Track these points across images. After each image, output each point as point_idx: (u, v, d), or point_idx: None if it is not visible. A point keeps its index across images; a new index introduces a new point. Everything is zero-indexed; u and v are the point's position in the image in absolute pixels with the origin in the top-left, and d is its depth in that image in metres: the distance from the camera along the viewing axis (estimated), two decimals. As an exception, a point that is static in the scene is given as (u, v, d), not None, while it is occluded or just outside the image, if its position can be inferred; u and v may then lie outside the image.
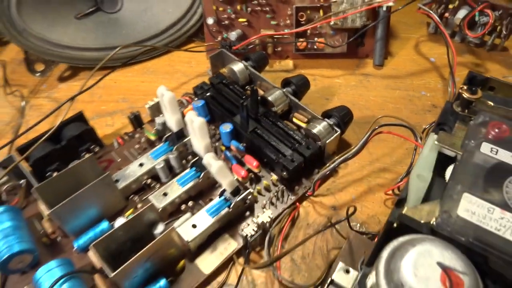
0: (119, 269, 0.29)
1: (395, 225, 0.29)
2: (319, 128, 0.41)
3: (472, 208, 0.26)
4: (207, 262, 0.36)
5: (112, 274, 0.29)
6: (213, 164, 0.31)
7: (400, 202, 0.30)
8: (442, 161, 0.33)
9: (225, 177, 0.33)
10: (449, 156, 0.33)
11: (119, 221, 0.35)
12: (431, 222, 0.27)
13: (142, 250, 0.30)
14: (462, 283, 0.23)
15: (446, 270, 0.23)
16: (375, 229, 0.38)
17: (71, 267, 0.34)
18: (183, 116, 0.39)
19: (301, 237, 0.38)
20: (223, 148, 0.44)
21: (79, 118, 0.43)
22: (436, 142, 0.33)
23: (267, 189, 0.41)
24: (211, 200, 0.38)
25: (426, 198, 0.30)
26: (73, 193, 0.34)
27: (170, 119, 0.38)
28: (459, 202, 0.27)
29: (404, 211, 0.29)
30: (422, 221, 0.28)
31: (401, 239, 0.26)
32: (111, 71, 0.49)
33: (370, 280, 0.27)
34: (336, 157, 0.38)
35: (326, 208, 0.40)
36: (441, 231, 0.26)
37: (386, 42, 0.54)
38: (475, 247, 0.25)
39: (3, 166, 0.41)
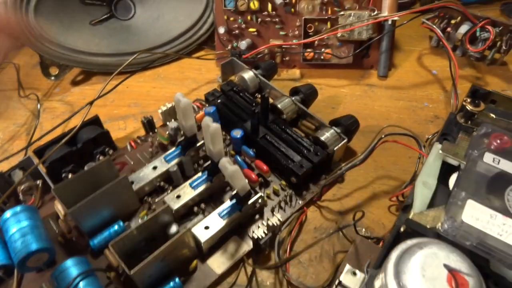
0: (138, 266, 0.31)
1: (402, 229, 0.30)
2: (327, 135, 0.42)
3: (476, 214, 0.28)
4: (218, 263, 0.37)
5: (132, 271, 0.30)
6: (229, 168, 0.32)
7: (406, 207, 0.32)
8: (445, 170, 0.34)
9: (239, 181, 0.35)
10: (452, 165, 0.35)
11: (135, 222, 0.37)
12: (437, 227, 0.29)
13: (161, 248, 0.32)
14: (467, 284, 0.24)
15: (452, 272, 0.24)
16: (380, 234, 0.39)
17: (87, 265, 0.35)
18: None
19: (308, 241, 0.39)
20: (233, 152, 0.45)
21: (95, 121, 0.44)
22: (440, 151, 0.35)
23: (276, 193, 0.42)
24: (222, 203, 0.40)
25: (430, 205, 0.32)
26: (89, 194, 0.35)
27: (185, 124, 0.40)
28: (464, 208, 0.28)
29: (410, 216, 0.30)
30: (428, 226, 0.29)
31: (409, 242, 0.27)
32: (130, 75, 0.51)
33: (378, 281, 0.29)
34: (343, 164, 0.39)
35: (332, 213, 0.42)
36: (446, 235, 0.28)
37: (390, 54, 0.56)
38: (478, 250, 0.27)
39: (20, 167, 0.42)
